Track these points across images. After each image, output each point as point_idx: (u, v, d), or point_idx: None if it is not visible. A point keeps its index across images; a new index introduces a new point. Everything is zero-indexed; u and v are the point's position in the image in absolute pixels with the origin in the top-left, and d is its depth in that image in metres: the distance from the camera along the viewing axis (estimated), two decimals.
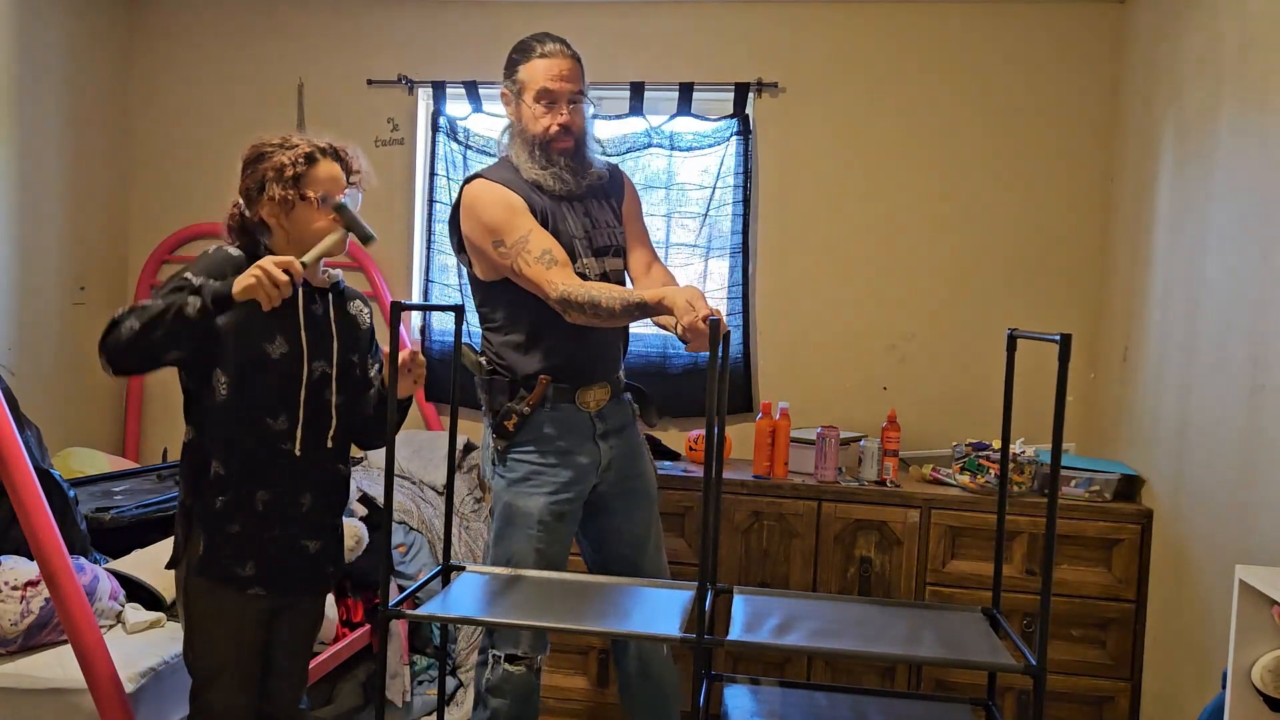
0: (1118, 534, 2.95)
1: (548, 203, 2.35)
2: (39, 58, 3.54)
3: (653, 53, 3.65)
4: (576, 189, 2.39)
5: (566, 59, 2.35)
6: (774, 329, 3.65)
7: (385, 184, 3.86)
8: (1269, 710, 1.86)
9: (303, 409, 2.04)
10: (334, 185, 2.05)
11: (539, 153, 2.35)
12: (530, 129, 2.35)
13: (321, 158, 2.05)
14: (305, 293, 2.06)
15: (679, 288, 2.14)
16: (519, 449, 2.35)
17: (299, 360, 2.03)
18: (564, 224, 2.35)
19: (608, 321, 2.21)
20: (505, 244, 2.27)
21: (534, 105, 2.34)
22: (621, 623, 2.00)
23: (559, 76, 2.33)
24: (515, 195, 2.31)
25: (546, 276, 2.22)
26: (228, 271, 1.94)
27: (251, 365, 2.00)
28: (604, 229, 2.42)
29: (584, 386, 2.36)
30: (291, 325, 2.03)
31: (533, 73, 2.34)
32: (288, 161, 2.01)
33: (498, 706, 2.35)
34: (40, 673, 2.22)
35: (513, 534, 2.34)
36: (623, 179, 2.54)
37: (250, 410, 2.01)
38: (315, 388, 2.06)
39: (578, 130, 2.37)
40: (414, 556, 3.17)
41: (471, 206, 2.33)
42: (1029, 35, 3.47)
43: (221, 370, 1.99)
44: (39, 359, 3.63)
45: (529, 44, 2.38)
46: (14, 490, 2.10)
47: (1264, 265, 2.29)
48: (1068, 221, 3.47)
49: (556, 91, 2.33)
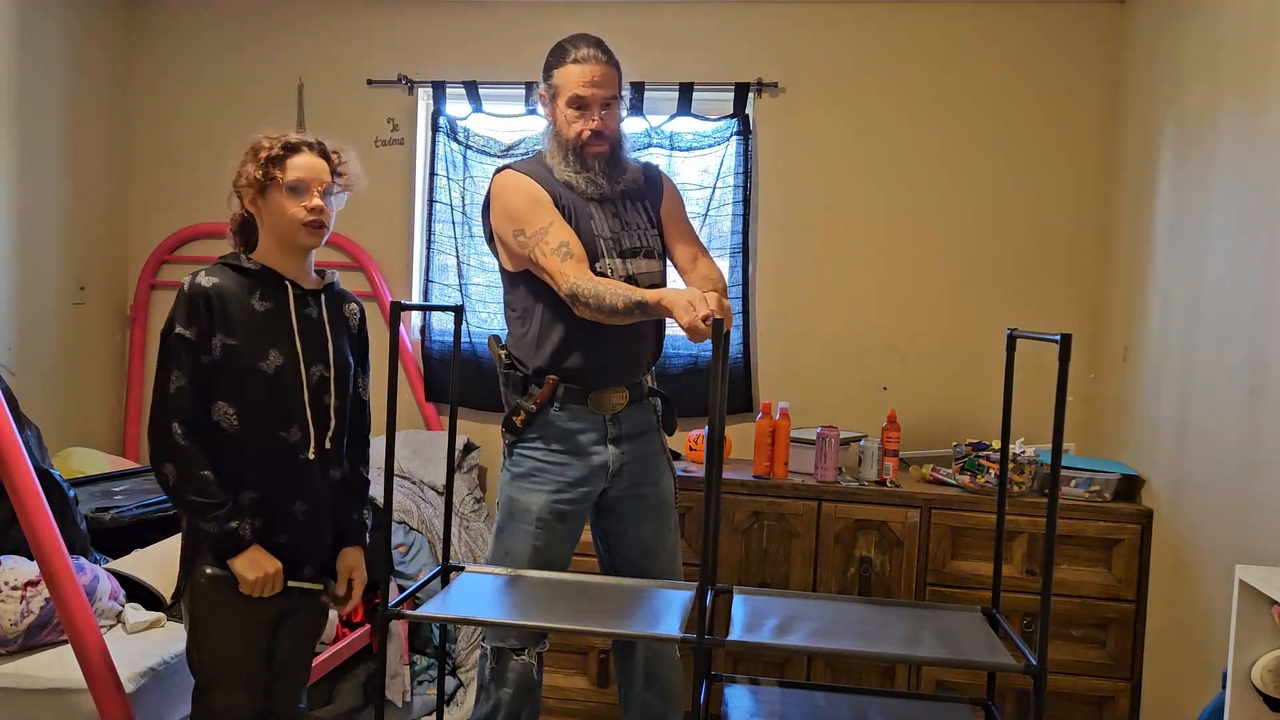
0: (1118, 534, 2.95)
1: (576, 200, 2.35)
2: (39, 58, 3.54)
3: (653, 53, 3.65)
4: (610, 192, 2.38)
5: (600, 64, 2.33)
6: (774, 329, 3.65)
7: (385, 184, 3.87)
8: (1269, 710, 1.86)
9: (310, 415, 2.04)
10: (311, 175, 2.01)
11: (573, 157, 2.35)
12: (564, 133, 2.35)
13: (305, 149, 2.03)
14: (297, 296, 2.04)
15: (680, 289, 2.14)
16: (526, 444, 2.37)
17: (296, 368, 2.02)
18: (590, 222, 2.34)
19: (612, 318, 2.21)
20: (525, 233, 2.29)
21: (567, 110, 2.33)
22: (621, 623, 2.00)
23: (591, 82, 2.32)
24: (540, 188, 2.33)
25: (560, 268, 2.23)
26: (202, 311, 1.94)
27: (253, 387, 1.99)
28: (634, 231, 2.41)
29: (599, 389, 2.36)
30: (284, 333, 2.02)
31: (566, 78, 2.33)
32: (266, 144, 2.00)
33: (500, 697, 2.35)
34: (40, 673, 2.22)
35: (511, 529, 2.35)
36: (661, 180, 2.52)
37: (265, 431, 2.00)
38: (315, 392, 2.05)
39: (611, 135, 2.37)
40: (414, 556, 3.17)
41: (498, 196, 2.36)
42: (1029, 35, 3.47)
43: (225, 402, 1.98)
44: (39, 359, 3.63)
45: (564, 47, 2.37)
46: (14, 490, 2.10)
47: (1264, 265, 2.29)
48: (1068, 221, 3.47)
49: (589, 98, 2.32)
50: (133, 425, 3.99)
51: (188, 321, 1.94)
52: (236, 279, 2.01)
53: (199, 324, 1.95)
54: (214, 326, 1.96)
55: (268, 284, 2.03)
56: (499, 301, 3.78)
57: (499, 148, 3.75)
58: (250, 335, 1.98)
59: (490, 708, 2.36)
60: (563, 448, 2.34)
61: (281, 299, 2.03)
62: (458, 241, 3.76)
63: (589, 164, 2.35)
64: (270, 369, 1.99)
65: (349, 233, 3.86)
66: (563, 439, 2.34)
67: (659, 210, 2.48)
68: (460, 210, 3.76)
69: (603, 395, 2.35)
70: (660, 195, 2.49)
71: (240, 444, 1.99)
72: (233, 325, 1.96)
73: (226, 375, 1.97)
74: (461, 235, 3.76)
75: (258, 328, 1.98)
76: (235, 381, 1.98)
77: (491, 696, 2.36)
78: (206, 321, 1.95)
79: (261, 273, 2.03)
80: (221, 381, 1.97)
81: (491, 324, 3.79)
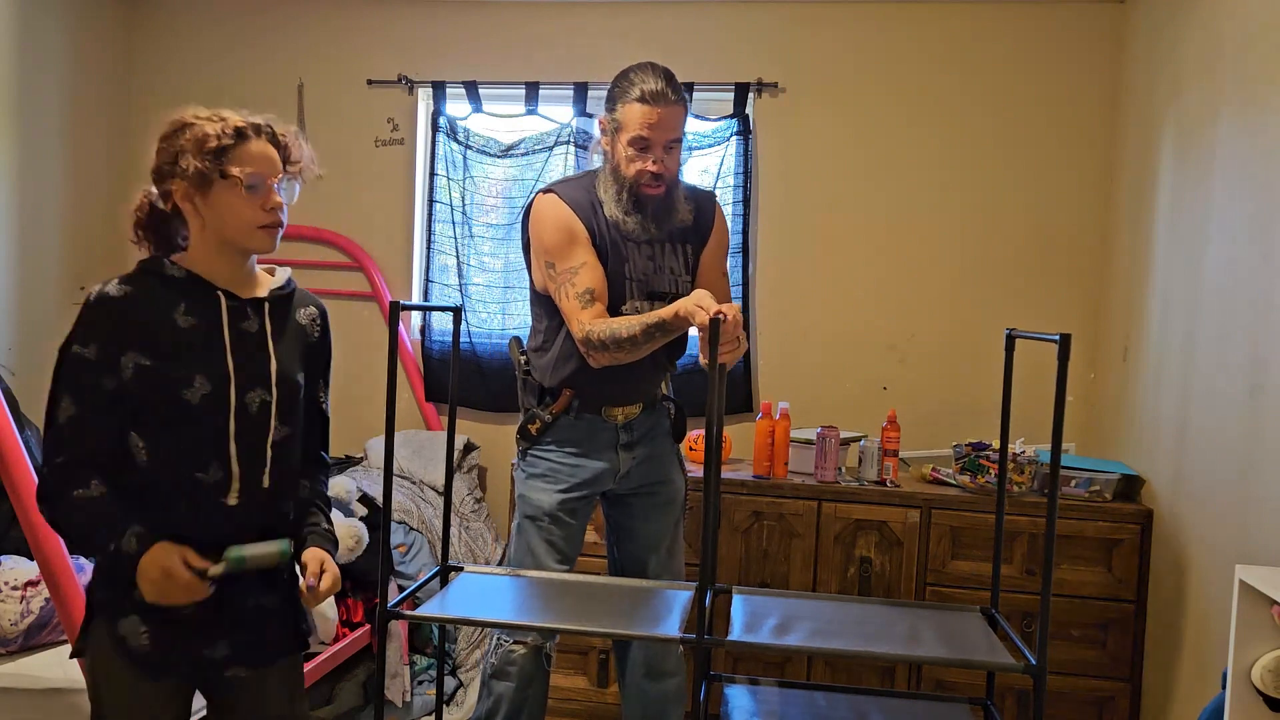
0: (1118, 534, 2.95)
1: (616, 237, 2.31)
2: (39, 58, 3.54)
3: (653, 53, 3.59)
4: (656, 235, 2.35)
5: (668, 105, 2.23)
6: (774, 329, 3.65)
7: (385, 184, 3.88)
8: (1269, 710, 1.86)
9: (235, 453, 1.67)
10: (266, 166, 1.67)
11: (626, 195, 2.29)
12: (623, 170, 2.28)
13: (254, 135, 1.67)
14: (232, 308, 1.69)
15: (687, 296, 2.13)
16: (540, 447, 2.42)
17: (225, 397, 1.66)
18: (623, 264, 2.32)
19: (631, 352, 2.21)
20: (556, 268, 2.28)
21: (628, 148, 2.26)
22: (621, 623, 2.00)
23: (657, 125, 2.23)
24: (580, 223, 2.28)
25: (578, 316, 2.23)
26: (106, 325, 1.61)
27: (170, 419, 1.63)
28: (666, 275, 2.37)
29: (611, 406, 2.39)
30: (215, 355, 1.66)
31: (630, 116, 2.25)
32: (212, 133, 1.64)
33: (502, 691, 2.36)
34: (40, 673, 2.22)
35: (528, 527, 2.41)
36: (711, 220, 2.44)
37: (175, 469, 1.65)
38: (252, 423, 1.69)
39: (670, 177, 2.31)
40: (414, 556, 3.17)
41: (537, 220, 2.33)
42: (1029, 35, 3.47)
43: (136, 433, 1.64)
44: (39, 359, 3.62)
45: (631, 80, 2.26)
46: (14, 490, 2.10)
47: (1264, 265, 2.29)
48: (1068, 221, 3.47)
49: (651, 139, 2.25)
50: None
51: (86, 338, 1.61)
52: (156, 288, 1.66)
53: (101, 341, 1.61)
54: (124, 344, 1.61)
55: (195, 294, 1.67)
56: (499, 301, 3.80)
57: (499, 148, 3.75)
58: (171, 356, 1.63)
59: (491, 704, 2.38)
60: (575, 450, 2.40)
61: (212, 312, 1.67)
62: (458, 241, 3.76)
63: (642, 205, 2.30)
64: (196, 399, 1.63)
65: (349, 233, 3.86)
66: (575, 443, 2.40)
67: (700, 253, 2.43)
68: (460, 210, 3.76)
69: (614, 408, 2.39)
70: (706, 237, 2.43)
71: (142, 480, 1.65)
72: (148, 343, 1.62)
73: (140, 402, 1.63)
74: (461, 235, 3.76)
75: (180, 347, 1.64)
76: (149, 410, 1.63)
77: (493, 692, 2.38)
78: (112, 338, 1.61)
79: (187, 280, 1.67)
80: (132, 409, 1.63)
81: (491, 324, 3.79)
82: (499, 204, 3.78)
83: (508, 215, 3.76)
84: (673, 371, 2.53)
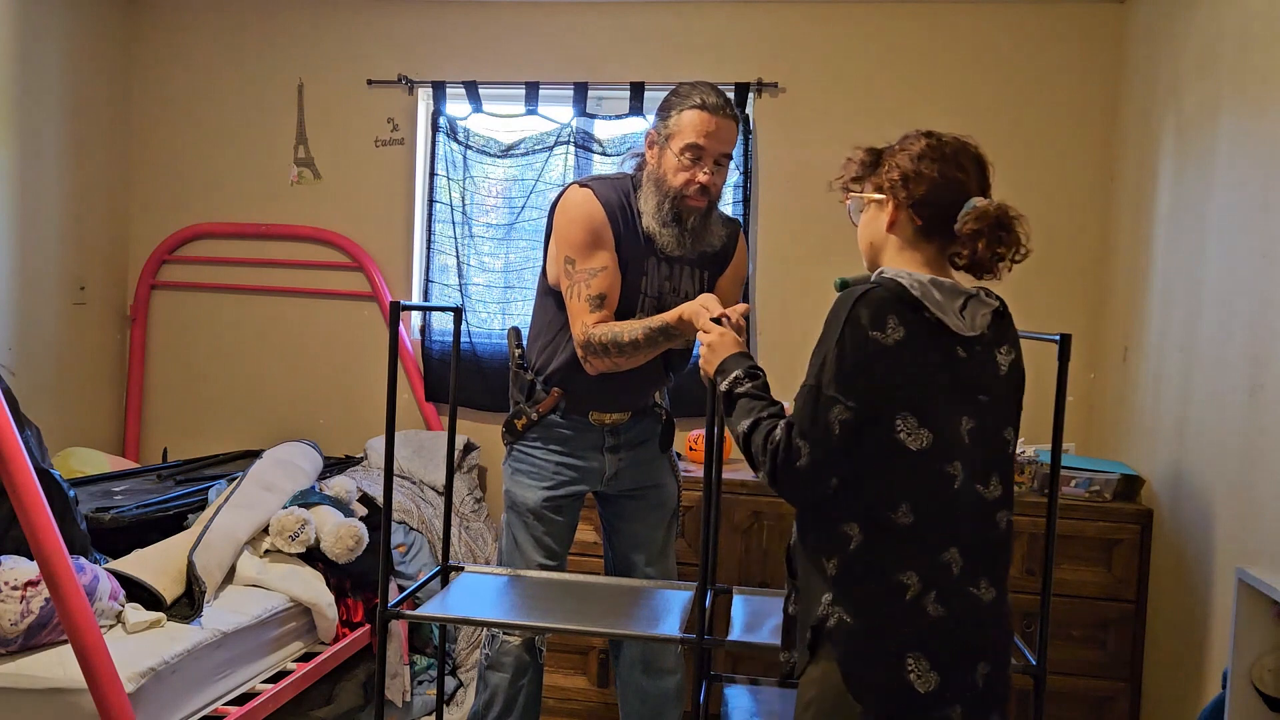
0: (1118, 534, 2.95)
1: (640, 252, 2.29)
2: (39, 58, 3.54)
3: (653, 53, 3.65)
4: (683, 255, 2.32)
5: (726, 117, 2.22)
6: (774, 329, 3.65)
7: (385, 184, 3.88)
8: (1269, 710, 1.86)
9: None
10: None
11: (668, 206, 2.25)
12: (669, 180, 2.24)
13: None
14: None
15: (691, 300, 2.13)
16: (526, 443, 2.42)
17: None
18: (641, 279, 2.30)
19: (631, 356, 2.20)
20: (574, 266, 2.26)
21: (679, 157, 2.22)
22: (621, 623, 2.00)
23: (713, 135, 2.21)
24: (608, 226, 2.25)
25: (584, 318, 2.22)
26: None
27: None
28: (680, 297, 2.34)
29: (600, 411, 2.39)
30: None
31: (686, 123, 2.21)
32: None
33: (498, 682, 2.40)
34: (40, 673, 2.22)
35: (515, 522, 2.42)
36: (733, 251, 2.44)
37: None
38: None
39: (715, 193, 2.29)
40: (414, 556, 3.17)
41: (565, 211, 2.29)
42: (1029, 35, 3.47)
43: None
44: (39, 359, 3.63)
45: (689, 92, 2.24)
46: (14, 490, 2.10)
47: (1264, 265, 2.29)
48: (1068, 221, 3.46)
49: (705, 149, 2.22)
50: (132, 425, 3.99)
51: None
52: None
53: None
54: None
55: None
56: (499, 301, 3.80)
57: (499, 148, 3.75)
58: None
59: (488, 696, 2.41)
60: (561, 449, 2.39)
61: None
62: (458, 241, 3.76)
63: (682, 218, 2.26)
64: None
65: (349, 233, 3.86)
66: (561, 441, 2.39)
67: (715, 282, 2.42)
68: (460, 210, 3.76)
69: (604, 414, 2.39)
70: (724, 267, 2.43)
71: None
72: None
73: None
74: (461, 235, 3.76)
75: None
76: None
77: (489, 684, 2.41)
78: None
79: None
80: None
81: (491, 324, 3.79)
82: (499, 204, 3.78)
83: (508, 215, 3.76)
84: (668, 385, 2.52)
